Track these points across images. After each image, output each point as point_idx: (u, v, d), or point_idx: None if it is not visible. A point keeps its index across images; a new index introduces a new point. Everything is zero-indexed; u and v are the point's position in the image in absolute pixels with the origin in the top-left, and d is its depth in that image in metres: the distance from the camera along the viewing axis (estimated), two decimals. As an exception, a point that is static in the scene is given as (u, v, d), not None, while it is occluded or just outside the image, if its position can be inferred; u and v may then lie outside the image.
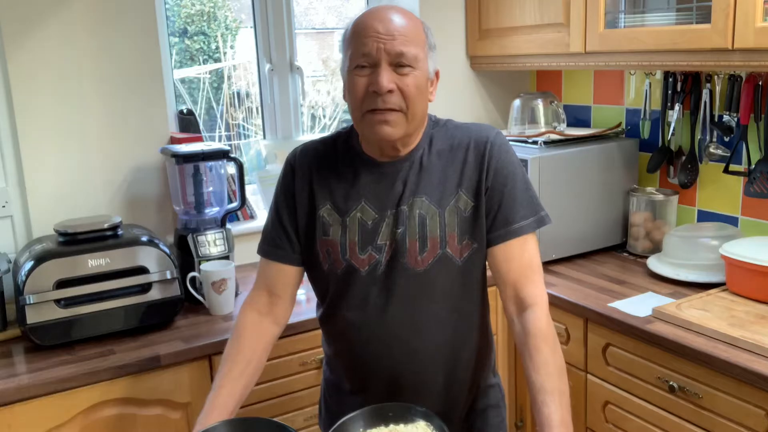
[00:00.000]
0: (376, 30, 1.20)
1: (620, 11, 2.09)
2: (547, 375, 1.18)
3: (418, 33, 1.24)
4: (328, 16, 2.79)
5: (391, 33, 1.20)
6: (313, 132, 2.73)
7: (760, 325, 1.61)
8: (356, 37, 1.22)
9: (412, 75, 1.22)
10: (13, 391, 1.48)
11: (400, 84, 1.21)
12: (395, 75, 1.21)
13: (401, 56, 1.20)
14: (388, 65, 1.20)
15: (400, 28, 1.21)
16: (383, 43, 1.19)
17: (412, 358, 1.30)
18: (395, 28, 1.21)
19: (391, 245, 1.28)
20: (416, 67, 1.22)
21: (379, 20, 1.21)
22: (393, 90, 1.20)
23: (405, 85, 1.21)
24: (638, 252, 2.23)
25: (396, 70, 1.21)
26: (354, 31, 1.24)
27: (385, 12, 1.23)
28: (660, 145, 2.25)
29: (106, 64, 1.99)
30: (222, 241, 1.97)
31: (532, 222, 1.29)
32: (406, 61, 1.21)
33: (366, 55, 1.21)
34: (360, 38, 1.22)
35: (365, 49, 1.20)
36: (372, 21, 1.22)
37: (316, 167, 1.35)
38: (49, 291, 1.64)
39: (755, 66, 1.69)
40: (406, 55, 1.20)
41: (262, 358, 1.34)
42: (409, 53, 1.21)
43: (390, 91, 1.20)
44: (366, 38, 1.21)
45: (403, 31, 1.21)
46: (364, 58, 1.21)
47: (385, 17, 1.22)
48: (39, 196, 1.95)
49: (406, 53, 1.20)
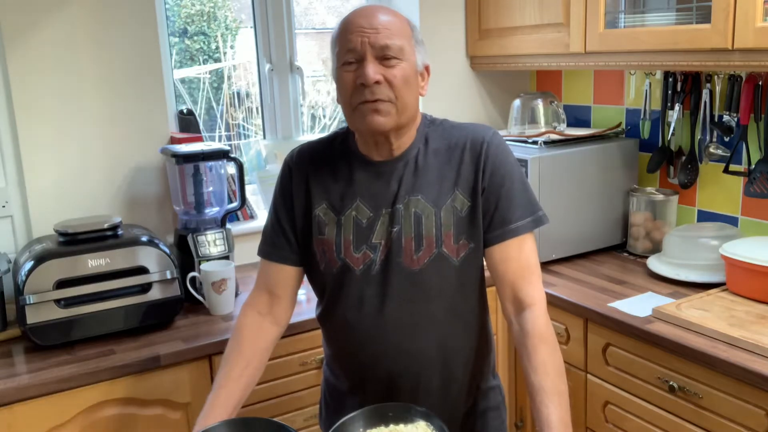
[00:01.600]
0: (360, 25, 1.22)
1: (620, 11, 2.09)
2: (545, 375, 1.18)
3: (402, 27, 1.25)
4: (328, 16, 2.79)
5: (374, 27, 1.21)
6: (313, 132, 2.73)
7: (760, 325, 1.61)
8: (342, 35, 1.24)
9: (399, 66, 1.23)
10: (13, 391, 1.48)
11: (387, 75, 1.22)
12: (381, 67, 1.22)
13: (386, 48, 1.21)
14: (374, 58, 1.21)
15: (384, 21, 1.23)
16: (367, 36, 1.21)
17: (408, 358, 1.30)
18: (379, 22, 1.22)
19: (386, 244, 1.28)
20: (402, 58, 1.23)
21: (363, 16, 1.23)
22: (380, 81, 1.21)
23: (392, 77, 1.22)
24: (638, 252, 2.23)
25: (382, 63, 1.22)
26: (340, 30, 1.25)
27: (369, 9, 1.26)
28: (660, 145, 2.25)
29: (106, 64, 1.99)
30: (222, 241, 1.97)
31: (530, 222, 1.29)
32: (391, 53, 1.22)
33: (351, 50, 1.22)
34: (345, 35, 1.23)
35: (350, 45, 1.22)
36: (356, 18, 1.24)
37: (313, 167, 1.35)
38: (49, 291, 1.64)
39: (755, 66, 1.69)
40: (390, 47, 1.21)
41: (262, 358, 1.34)
42: (393, 45, 1.22)
43: (377, 82, 1.21)
44: (351, 34, 1.22)
45: (387, 24, 1.22)
46: (350, 54, 1.22)
47: (369, 13, 1.24)
48: (39, 196, 1.95)
49: (390, 45, 1.21)
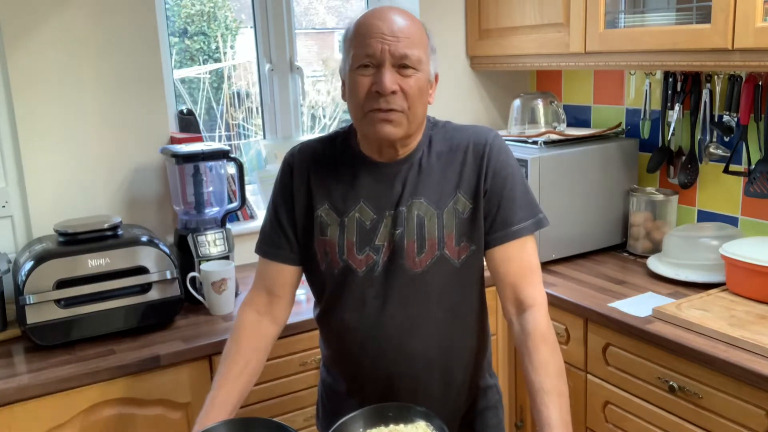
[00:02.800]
0: (381, 31, 1.20)
1: (620, 11, 2.09)
2: (546, 375, 1.18)
3: (421, 36, 1.24)
4: (328, 16, 2.79)
5: (395, 35, 1.20)
6: (313, 132, 2.73)
7: (760, 325, 1.61)
8: (360, 37, 1.22)
9: (415, 77, 1.22)
10: (13, 391, 1.48)
11: (403, 85, 1.21)
12: (398, 76, 1.21)
13: (405, 58, 1.20)
14: (392, 66, 1.20)
15: (405, 29, 1.21)
16: (388, 44, 1.20)
17: (408, 360, 1.30)
18: (400, 29, 1.21)
19: (389, 246, 1.28)
20: (419, 69, 1.22)
21: (384, 21, 1.21)
22: (396, 91, 1.20)
23: (408, 87, 1.21)
24: (638, 252, 2.23)
25: (399, 72, 1.21)
26: (357, 32, 1.23)
27: (388, 13, 1.23)
28: (660, 145, 2.25)
29: (106, 64, 1.99)
30: (222, 241, 1.97)
31: (531, 224, 1.30)
32: (409, 63, 1.21)
33: (370, 55, 1.20)
34: (364, 38, 1.21)
35: (369, 50, 1.20)
36: (376, 21, 1.22)
37: (314, 166, 1.35)
38: (49, 291, 1.64)
39: (755, 66, 1.69)
40: (410, 57, 1.20)
41: (261, 358, 1.34)
42: (413, 56, 1.21)
43: (393, 92, 1.20)
44: (370, 38, 1.20)
45: (407, 33, 1.21)
46: (368, 59, 1.21)
47: (389, 18, 1.22)
48: (39, 196, 1.95)
49: (410, 55, 1.20)
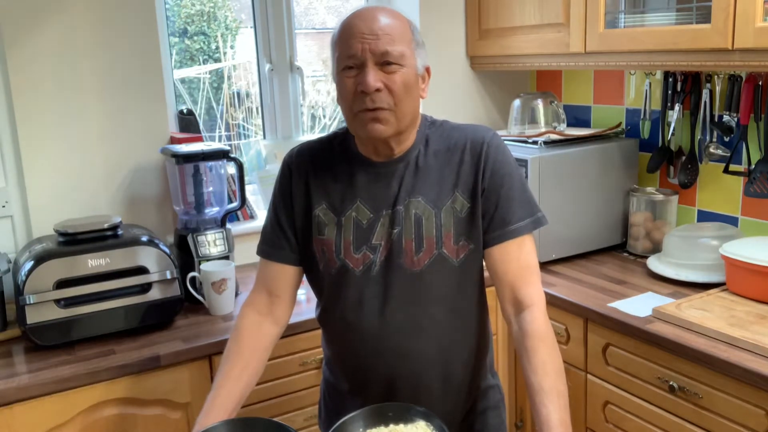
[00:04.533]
0: (361, 30, 1.21)
1: (620, 11, 2.09)
2: (545, 375, 1.17)
3: (403, 30, 1.24)
4: (328, 16, 2.79)
5: (375, 32, 1.20)
6: (313, 132, 2.73)
7: (760, 325, 1.61)
8: (342, 39, 1.23)
9: (400, 73, 1.22)
10: (13, 391, 1.48)
11: (387, 82, 1.21)
12: (382, 74, 1.21)
13: (387, 55, 1.21)
14: (375, 65, 1.21)
15: (384, 27, 1.21)
16: (368, 43, 1.20)
17: (408, 360, 1.30)
18: (379, 27, 1.21)
19: (386, 245, 1.28)
20: (403, 64, 1.22)
21: (363, 20, 1.22)
22: (381, 89, 1.21)
23: (393, 83, 1.21)
24: (638, 252, 2.23)
25: (383, 69, 1.21)
26: (340, 33, 1.24)
27: (369, 12, 1.24)
28: (660, 145, 2.25)
29: (107, 64, 1.99)
30: (222, 241, 1.97)
31: (529, 223, 1.29)
32: (392, 60, 1.21)
33: (352, 56, 1.21)
34: (345, 40, 1.22)
35: (351, 51, 1.21)
36: (356, 21, 1.22)
37: (312, 167, 1.35)
38: (49, 291, 1.64)
39: (755, 66, 1.69)
40: (391, 53, 1.21)
41: (262, 358, 1.34)
42: (394, 51, 1.21)
43: (378, 90, 1.20)
44: (351, 39, 1.21)
45: (387, 29, 1.21)
46: (350, 59, 1.22)
47: (369, 16, 1.22)
48: (39, 196, 1.95)
49: (391, 51, 1.21)
